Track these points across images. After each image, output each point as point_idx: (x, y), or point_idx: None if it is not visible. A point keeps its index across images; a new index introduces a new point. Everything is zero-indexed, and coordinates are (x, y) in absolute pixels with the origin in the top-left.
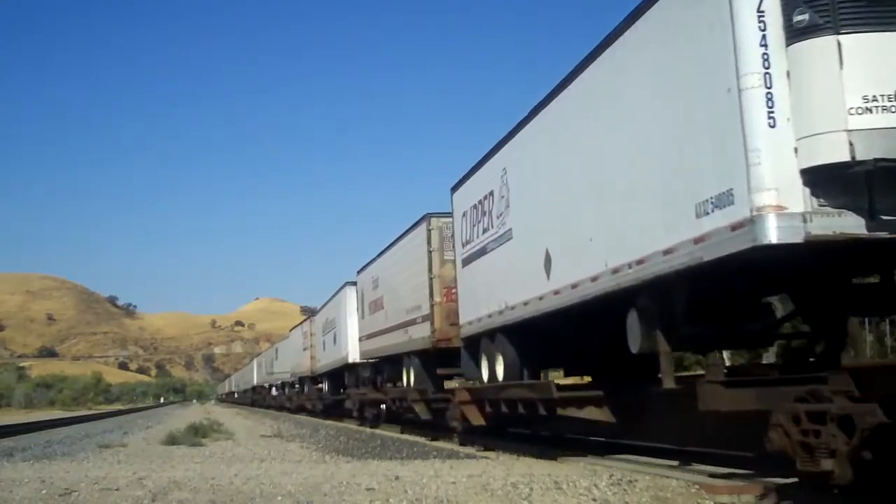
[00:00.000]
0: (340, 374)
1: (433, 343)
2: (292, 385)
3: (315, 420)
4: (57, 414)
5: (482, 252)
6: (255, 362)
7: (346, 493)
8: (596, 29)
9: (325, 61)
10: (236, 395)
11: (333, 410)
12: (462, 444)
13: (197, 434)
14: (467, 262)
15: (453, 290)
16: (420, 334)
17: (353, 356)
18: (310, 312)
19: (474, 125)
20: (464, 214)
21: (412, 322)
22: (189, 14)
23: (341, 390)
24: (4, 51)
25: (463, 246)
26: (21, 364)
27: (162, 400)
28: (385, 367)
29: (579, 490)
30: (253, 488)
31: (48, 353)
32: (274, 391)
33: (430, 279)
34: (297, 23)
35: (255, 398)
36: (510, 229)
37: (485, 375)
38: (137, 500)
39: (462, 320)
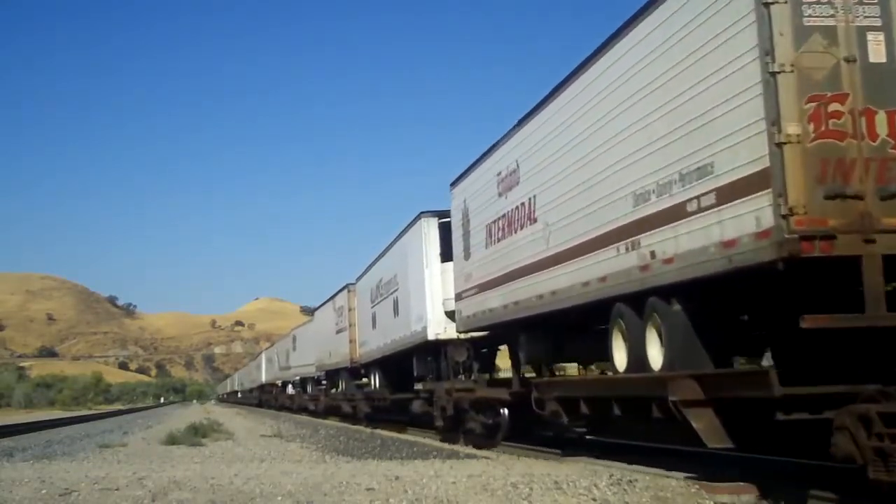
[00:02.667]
0: (404, 362)
1: (790, 247)
2: (318, 381)
3: (315, 420)
4: (57, 414)
5: None
6: (262, 356)
7: (346, 493)
8: (593, 28)
9: (325, 61)
10: (240, 395)
11: (390, 415)
12: None
13: (197, 434)
14: None
15: (838, 109)
16: (708, 239)
17: (436, 329)
18: (310, 312)
19: (473, 124)
20: None
21: (674, 213)
22: (189, 13)
23: (415, 383)
24: (4, 50)
25: None
26: (21, 364)
27: (162, 400)
28: (522, 339)
29: (579, 490)
30: (253, 488)
31: (48, 353)
32: (290, 389)
33: (771, 78)
34: (297, 23)
35: (264, 398)
36: None
37: None
38: (137, 499)
39: None
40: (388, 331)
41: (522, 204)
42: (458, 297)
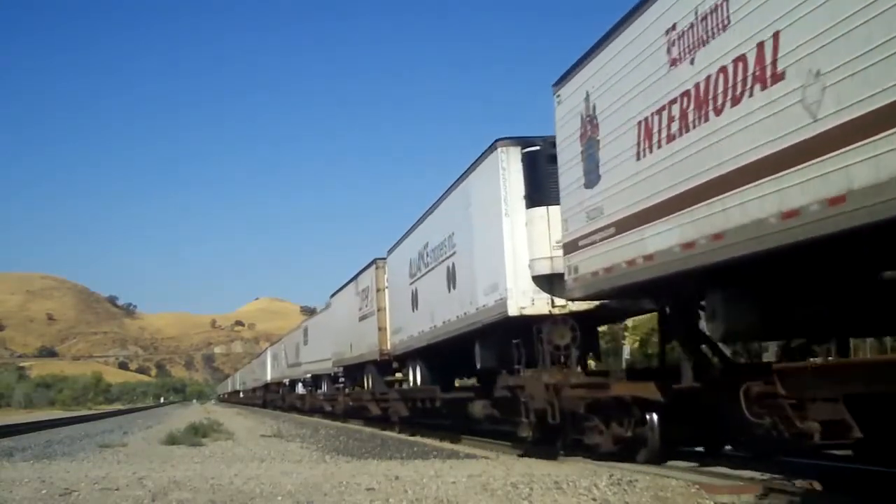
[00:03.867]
0: (460, 350)
1: None
2: (334, 379)
3: (315, 420)
4: (57, 414)
5: None
6: (268, 353)
7: (346, 493)
8: (593, 27)
9: (326, 61)
10: (242, 395)
11: (436, 419)
12: None
13: (197, 434)
14: None
15: None
16: None
17: (521, 302)
18: (310, 312)
19: (474, 125)
20: None
21: None
22: (189, 13)
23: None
24: (4, 50)
25: None
26: (21, 364)
27: (162, 400)
28: (718, 300)
29: (579, 490)
30: (253, 488)
31: (48, 353)
32: (300, 388)
33: None
34: (297, 22)
35: (270, 398)
36: None
37: None
38: (137, 500)
39: None
40: (437, 311)
41: (739, 60)
42: (572, 247)
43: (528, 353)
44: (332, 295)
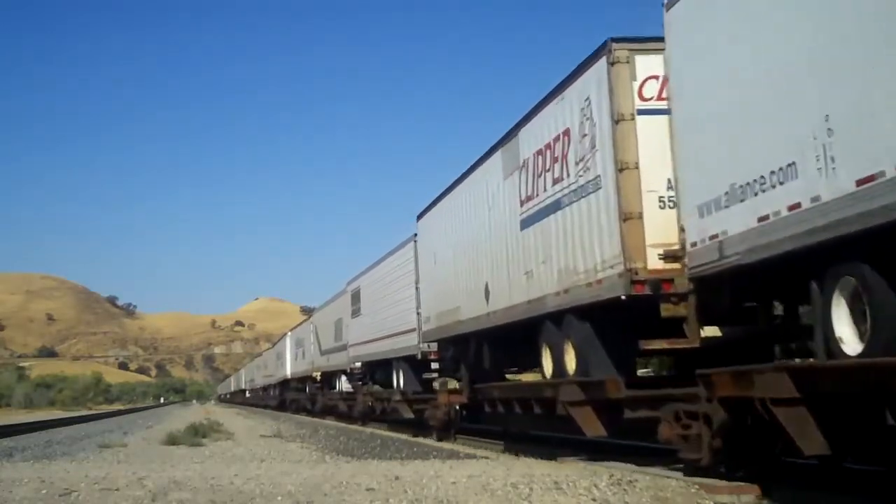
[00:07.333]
0: None
1: None
2: (422, 365)
3: (315, 420)
4: (57, 414)
5: None
6: (287, 339)
7: (346, 493)
8: (593, 28)
9: (327, 61)
10: (248, 395)
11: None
12: None
13: (197, 434)
14: None
15: None
16: None
17: None
18: (309, 312)
19: (473, 126)
20: None
21: None
22: (188, 11)
23: None
24: (4, 49)
25: None
26: (21, 364)
27: (162, 400)
28: None
29: (579, 490)
30: (253, 488)
31: (48, 353)
32: (344, 383)
33: None
34: (296, 22)
35: (292, 399)
36: None
37: None
38: (137, 500)
39: None
40: None
41: None
42: None
43: None
44: (421, 214)
